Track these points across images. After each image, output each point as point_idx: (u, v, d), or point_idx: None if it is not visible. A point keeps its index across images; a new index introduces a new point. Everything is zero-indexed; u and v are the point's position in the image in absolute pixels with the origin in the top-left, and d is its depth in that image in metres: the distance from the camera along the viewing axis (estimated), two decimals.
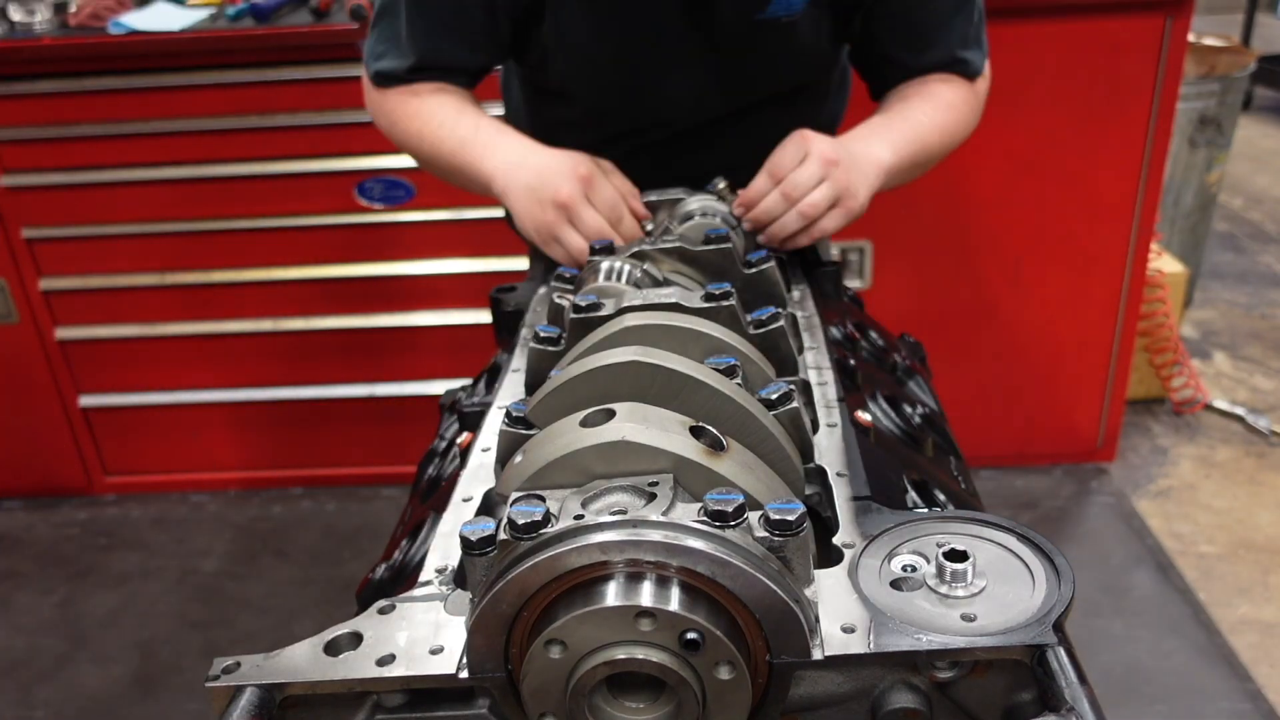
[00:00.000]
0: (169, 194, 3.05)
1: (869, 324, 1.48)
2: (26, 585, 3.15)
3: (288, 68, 2.88)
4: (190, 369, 3.28)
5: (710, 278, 1.24)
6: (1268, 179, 5.77)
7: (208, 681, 0.76)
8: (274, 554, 3.21)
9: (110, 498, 3.49)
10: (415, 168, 2.98)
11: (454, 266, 3.11)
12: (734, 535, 0.71)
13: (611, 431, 0.82)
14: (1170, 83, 2.77)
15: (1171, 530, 3.07)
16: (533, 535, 0.72)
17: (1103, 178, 2.92)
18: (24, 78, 2.91)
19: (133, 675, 2.78)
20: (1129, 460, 3.39)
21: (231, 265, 3.13)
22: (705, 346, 0.99)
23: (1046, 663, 0.70)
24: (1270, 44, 7.38)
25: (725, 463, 0.82)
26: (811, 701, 0.77)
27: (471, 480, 1.02)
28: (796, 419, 0.94)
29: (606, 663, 0.71)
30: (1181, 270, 3.64)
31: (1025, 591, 0.76)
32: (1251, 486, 3.26)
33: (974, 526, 0.83)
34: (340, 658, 0.77)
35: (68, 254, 3.13)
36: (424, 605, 0.83)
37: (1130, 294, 3.07)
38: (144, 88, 2.92)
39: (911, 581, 0.78)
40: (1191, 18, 2.72)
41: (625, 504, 0.78)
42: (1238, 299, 4.44)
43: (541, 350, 1.08)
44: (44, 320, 3.20)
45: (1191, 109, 3.79)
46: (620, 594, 0.70)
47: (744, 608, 0.71)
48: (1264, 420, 3.53)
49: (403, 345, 3.23)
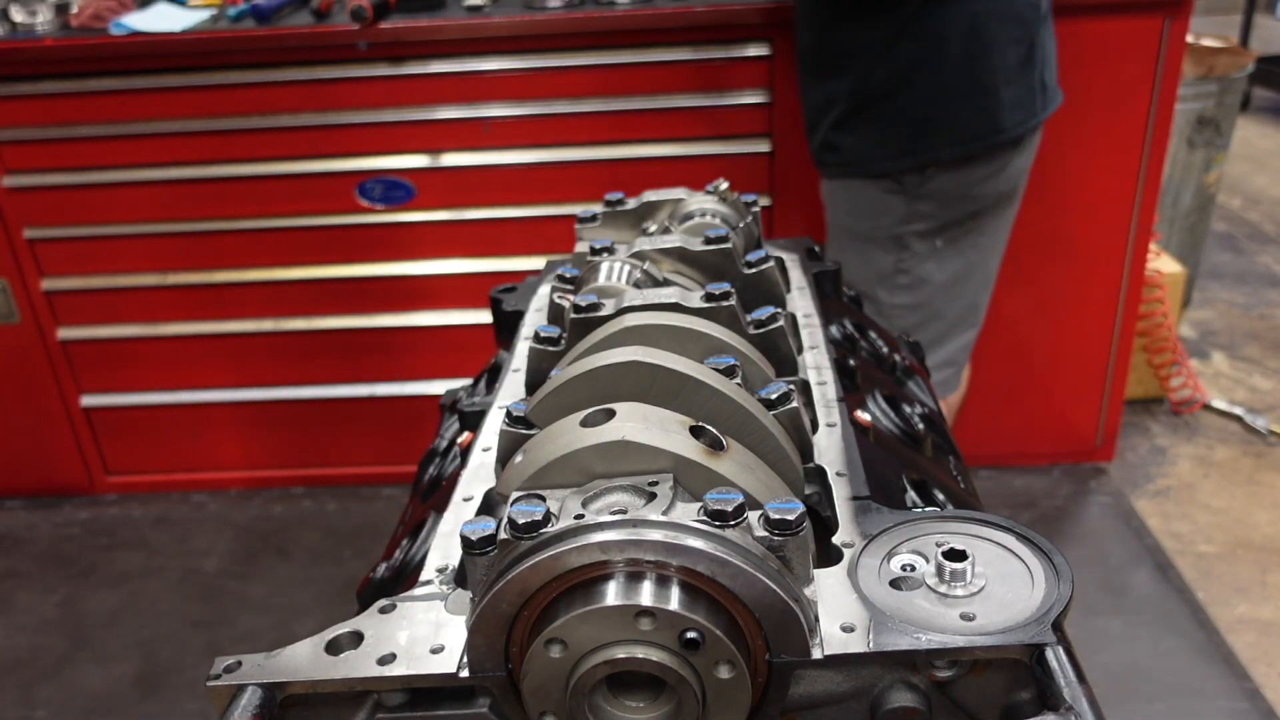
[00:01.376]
0: (170, 194, 3.05)
1: (868, 324, 1.49)
2: (28, 585, 3.16)
3: (289, 69, 2.89)
4: (191, 369, 3.28)
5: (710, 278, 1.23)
6: (1266, 179, 5.78)
7: (209, 681, 0.76)
8: (275, 553, 3.21)
9: (112, 497, 3.50)
10: (416, 168, 3.00)
11: (454, 267, 3.12)
12: (734, 535, 0.71)
13: (611, 431, 0.82)
14: (1169, 83, 2.78)
15: (1170, 530, 3.08)
16: (533, 535, 0.72)
17: (1102, 178, 2.92)
18: (26, 78, 2.92)
19: (134, 674, 2.79)
20: (1128, 460, 3.40)
21: (232, 265, 3.14)
22: (705, 346, 0.99)
23: (1045, 662, 0.70)
24: (1268, 45, 7.39)
25: (725, 462, 0.82)
26: (811, 700, 0.77)
27: (472, 480, 1.02)
28: (796, 419, 0.94)
29: (607, 662, 0.71)
30: (1180, 270, 3.65)
31: (1024, 591, 0.76)
32: (1250, 486, 3.26)
33: (973, 526, 0.83)
34: (341, 657, 0.77)
35: (69, 254, 3.13)
36: (425, 604, 0.83)
37: (1129, 294, 3.07)
38: (145, 88, 2.93)
39: (911, 581, 0.78)
40: (1190, 19, 2.73)
41: (625, 503, 0.78)
42: (1236, 299, 4.44)
43: (542, 350, 1.08)
44: (46, 320, 3.20)
45: (1190, 109, 3.80)
46: (620, 593, 0.70)
47: (744, 607, 0.71)
48: (1262, 420, 3.53)
49: (403, 345, 3.24)
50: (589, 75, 2.89)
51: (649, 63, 2.86)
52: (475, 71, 2.89)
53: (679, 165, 2.94)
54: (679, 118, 2.93)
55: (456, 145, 2.98)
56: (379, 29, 2.76)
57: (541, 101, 2.92)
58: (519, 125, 2.95)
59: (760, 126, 2.93)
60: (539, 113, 2.93)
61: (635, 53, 2.84)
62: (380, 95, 2.92)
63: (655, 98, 2.90)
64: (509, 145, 2.97)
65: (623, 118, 2.92)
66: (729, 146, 2.96)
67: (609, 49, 2.85)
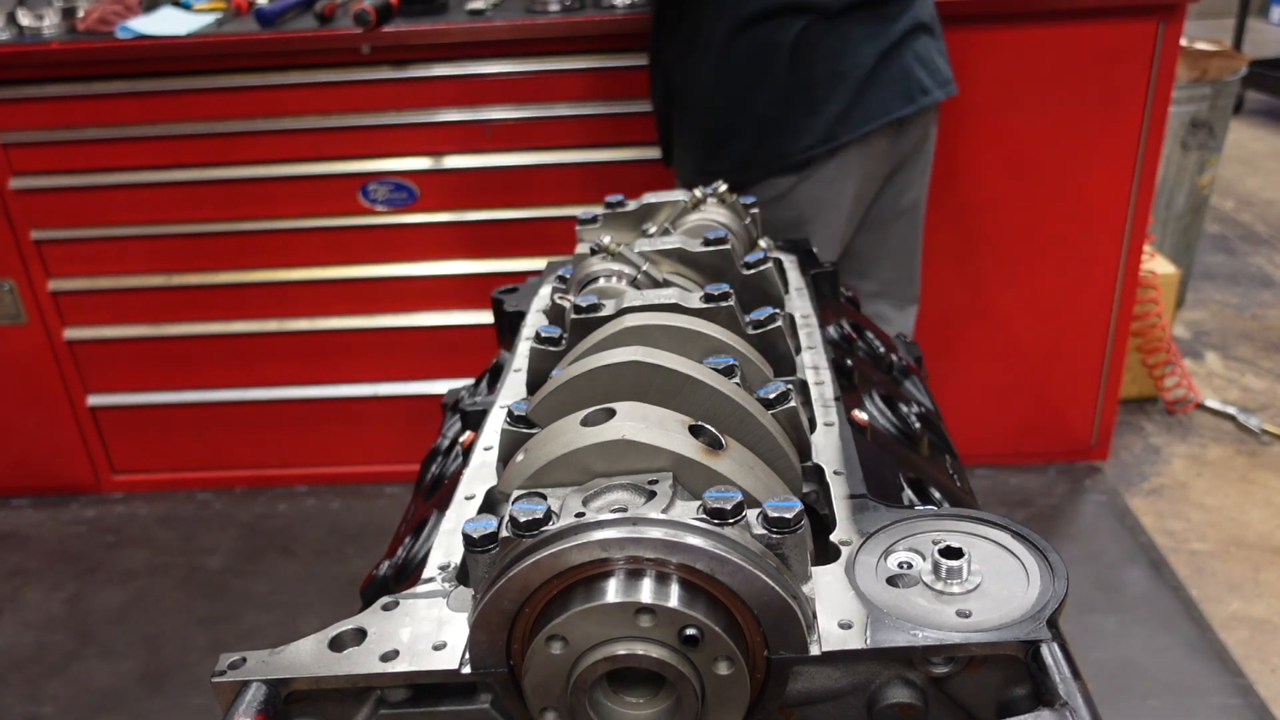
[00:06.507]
0: (175, 196, 3.06)
1: (865, 324, 1.50)
2: (35, 582, 3.16)
3: (293, 72, 2.89)
4: (197, 369, 3.29)
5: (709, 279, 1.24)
6: (1259, 181, 5.78)
7: (214, 677, 0.77)
8: (279, 551, 3.22)
9: (118, 495, 3.51)
10: (418, 170, 3.01)
11: (456, 268, 3.13)
12: (733, 533, 0.72)
13: (612, 430, 0.82)
14: (1163, 86, 2.79)
15: (1164, 528, 3.09)
16: (534, 533, 0.72)
17: (1096, 180, 2.93)
18: (33, 82, 2.93)
19: (140, 671, 2.80)
20: (1122, 459, 3.40)
21: (237, 266, 3.15)
22: (704, 346, 0.99)
23: (1041, 658, 0.70)
24: (1261, 48, 7.38)
25: (724, 461, 0.82)
26: (809, 696, 0.77)
27: (474, 478, 1.03)
28: (794, 418, 0.94)
29: (607, 658, 0.72)
30: (1174, 271, 3.65)
31: (1020, 588, 0.76)
32: (1243, 485, 3.27)
33: (969, 524, 0.83)
34: (345, 653, 0.78)
35: (76, 255, 3.14)
36: (427, 601, 0.83)
37: (1123, 295, 3.08)
38: (151, 91, 2.93)
39: (907, 578, 0.79)
40: (1184, 23, 2.74)
41: (625, 502, 0.78)
42: (1229, 300, 4.45)
43: (542, 350, 1.09)
44: (52, 320, 3.21)
45: (1184, 112, 3.81)
46: (620, 590, 0.71)
47: (742, 604, 0.72)
48: (1255, 419, 3.54)
49: (406, 345, 3.24)
50: (589, 78, 2.90)
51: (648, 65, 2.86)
52: (477, 75, 2.90)
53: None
54: None
55: (458, 148, 2.99)
56: (382, 33, 2.76)
57: (542, 104, 2.93)
58: (520, 128, 2.96)
59: None
60: (540, 115, 2.94)
61: (634, 56, 2.84)
62: (383, 98, 2.93)
63: None
64: (510, 148, 2.98)
65: (622, 120, 2.93)
66: None
67: (608, 52, 2.86)
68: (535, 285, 1.52)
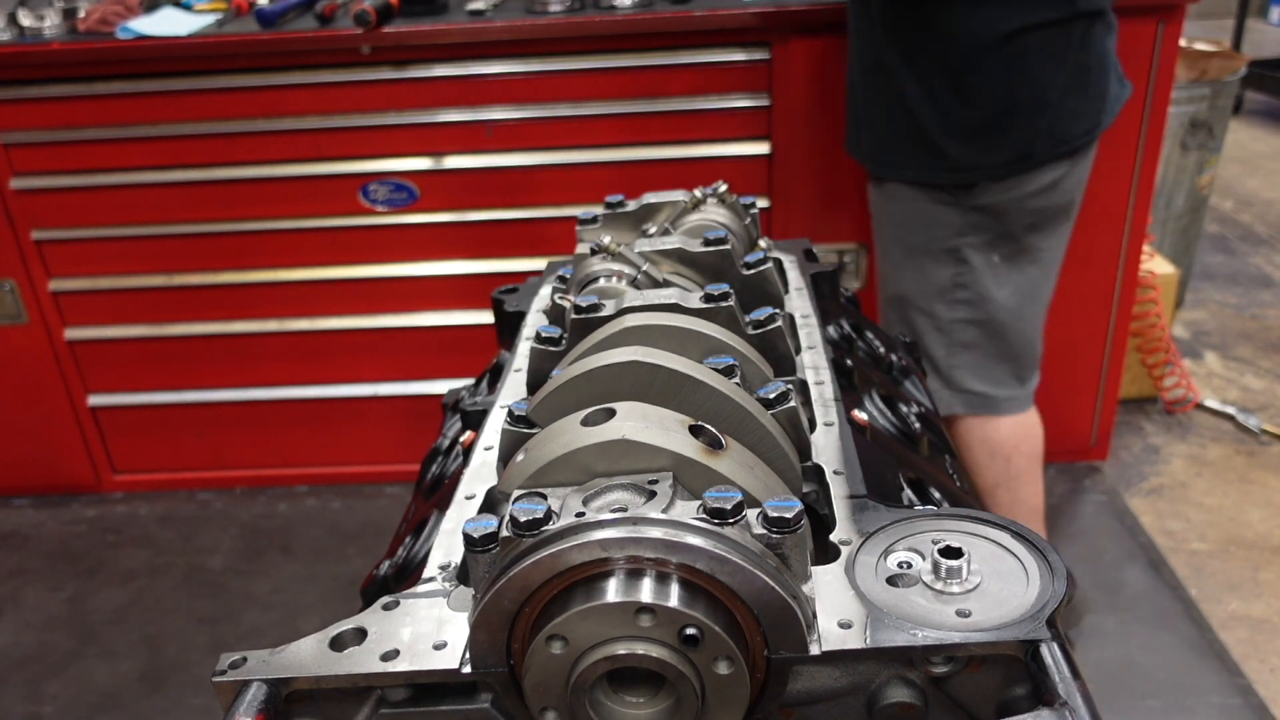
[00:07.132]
0: (176, 196, 3.07)
1: (866, 324, 1.50)
2: (36, 582, 3.17)
3: (293, 73, 2.90)
4: (197, 369, 3.30)
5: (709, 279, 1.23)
6: (1258, 182, 5.78)
7: (214, 676, 0.76)
8: (280, 551, 3.23)
9: (118, 495, 3.51)
10: (419, 171, 3.01)
11: (456, 268, 3.13)
12: (732, 532, 0.72)
13: (612, 430, 0.82)
14: (1162, 87, 2.79)
15: (1163, 527, 3.09)
16: (534, 532, 0.72)
17: (1096, 180, 2.91)
18: (34, 82, 2.93)
19: (141, 670, 2.80)
20: (1121, 458, 3.41)
21: (237, 266, 3.15)
22: (704, 346, 0.99)
23: (1040, 658, 0.70)
24: (1260, 49, 7.39)
25: (724, 461, 0.82)
26: (809, 696, 0.77)
27: (474, 478, 1.03)
28: (794, 418, 0.94)
29: (607, 658, 0.72)
30: (1173, 271, 3.66)
31: (1019, 588, 0.76)
32: (1242, 484, 3.28)
33: (969, 524, 0.83)
34: (345, 653, 0.78)
35: (76, 255, 3.15)
36: (428, 601, 0.83)
37: (1123, 295, 3.08)
38: (151, 92, 2.94)
39: (907, 578, 0.79)
40: (1183, 23, 2.74)
41: (625, 502, 0.78)
42: (1228, 300, 4.45)
43: (543, 350, 1.09)
44: (53, 320, 3.22)
45: (1183, 113, 3.81)
46: (621, 590, 0.71)
47: (742, 604, 0.72)
48: (1254, 419, 3.55)
49: (406, 345, 3.25)
50: (589, 79, 2.90)
51: (649, 66, 2.87)
52: (477, 75, 2.91)
53: (679, 167, 2.95)
54: (679, 121, 2.94)
55: (458, 148, 2.99)
56: (382, 33, 2.77)
57: (542, 105, 2.93)
58: (520, 128, 2.96)
59: (759, 129, 2.94)
60: (540, 116, 2.94)
61: (635, 56, 2.85)
62: (383, 99, 2.94)
63: (655, 101, 2.91)
64: (510, 148, 2.99)
65: (623, 121, 2.93)
66: (728, 149, 2.97)
67: (609, 53, 2.86)
68: (535, 285, 1.52)
